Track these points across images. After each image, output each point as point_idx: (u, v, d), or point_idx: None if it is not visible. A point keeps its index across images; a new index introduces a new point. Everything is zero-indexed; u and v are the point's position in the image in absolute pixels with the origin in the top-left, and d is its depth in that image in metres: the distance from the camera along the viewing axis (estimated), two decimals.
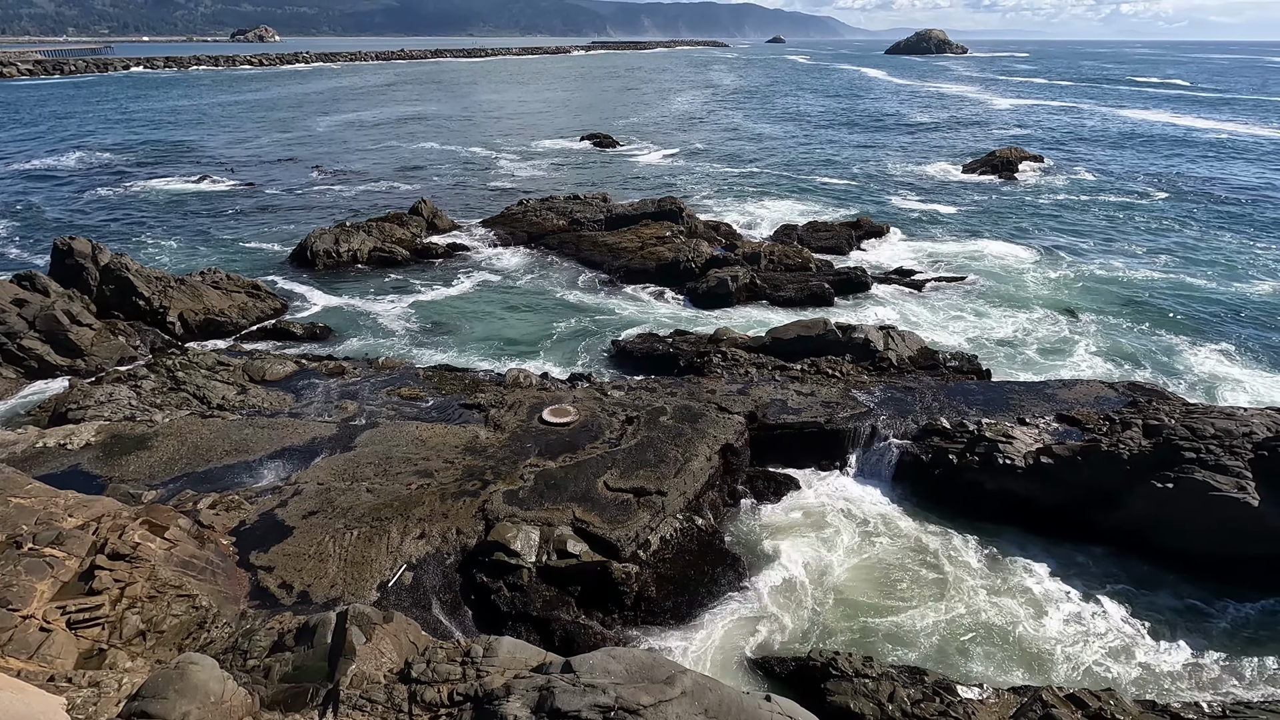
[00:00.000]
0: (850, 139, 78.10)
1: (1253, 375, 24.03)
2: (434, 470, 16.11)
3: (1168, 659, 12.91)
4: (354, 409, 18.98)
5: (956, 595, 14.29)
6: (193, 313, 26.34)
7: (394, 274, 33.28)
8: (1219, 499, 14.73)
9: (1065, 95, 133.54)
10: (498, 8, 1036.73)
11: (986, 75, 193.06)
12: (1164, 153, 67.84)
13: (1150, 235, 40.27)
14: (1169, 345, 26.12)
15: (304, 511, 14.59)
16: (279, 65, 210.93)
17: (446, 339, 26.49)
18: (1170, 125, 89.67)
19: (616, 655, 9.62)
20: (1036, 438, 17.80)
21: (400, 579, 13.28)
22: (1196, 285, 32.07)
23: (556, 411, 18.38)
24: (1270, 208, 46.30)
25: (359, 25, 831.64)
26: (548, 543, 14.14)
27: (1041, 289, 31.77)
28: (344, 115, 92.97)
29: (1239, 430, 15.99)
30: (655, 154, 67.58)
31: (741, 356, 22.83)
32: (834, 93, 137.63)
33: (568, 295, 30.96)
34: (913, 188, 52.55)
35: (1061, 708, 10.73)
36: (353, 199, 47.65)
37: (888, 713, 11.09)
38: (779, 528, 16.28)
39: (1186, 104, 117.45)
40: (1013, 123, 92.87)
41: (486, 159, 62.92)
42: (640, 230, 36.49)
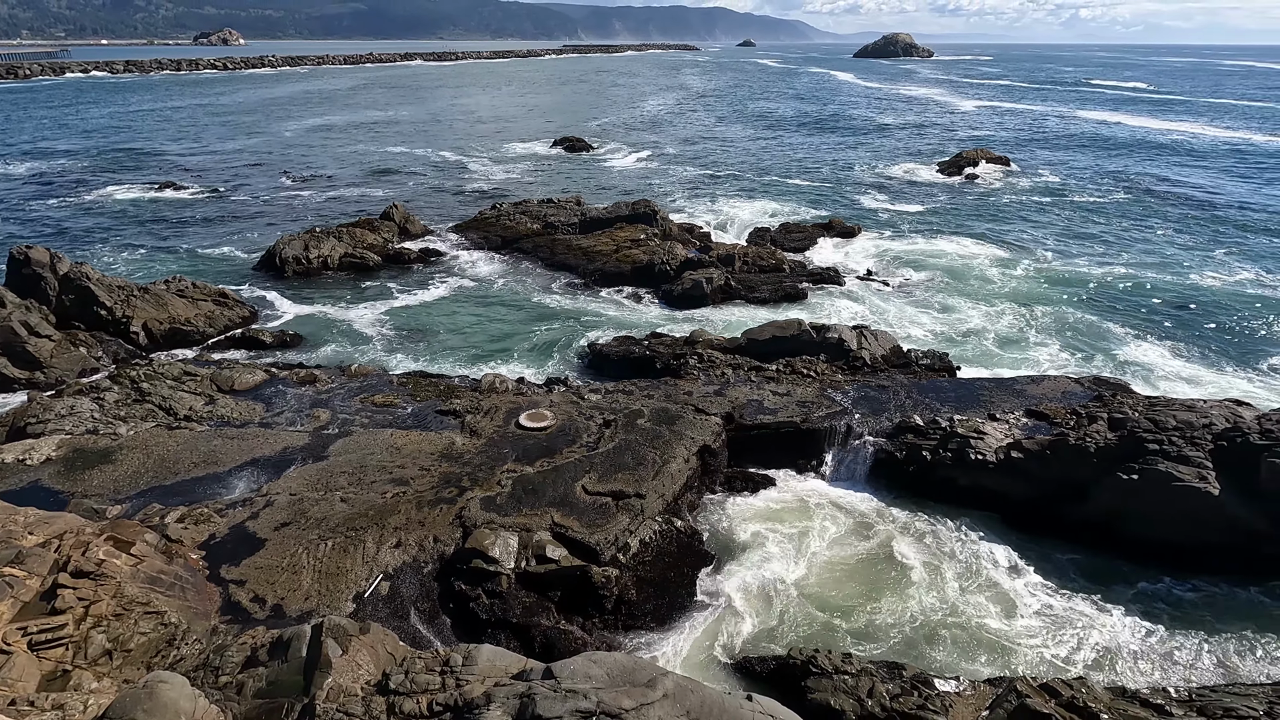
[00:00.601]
0: (820, 141, 79.02)
1: (1197, 368, 24.86)
2: (410, 478, 15.92)
3: (1135, 646, 13.23)
4: (326, 417, 18.67)
5: (931, 587, 14.49)
6: (157, 322, 25.72)
7: (366, 280, 32.84)
8: (1182, 489, 15.15)
9: (1028, 98, 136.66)
10: (468, 11, 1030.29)
11: (952, 78, 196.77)
12: (1123, 153, 69.72)
13: (1108, 234, 41.34)
14: (1122, 338, 26.91)
15: (276, 523, 14.31)
16: (244, 69, 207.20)
17: (421, 345, 26.21)
18: (1129, 127, 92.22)
19: (598, 660, 9.58)
20: (1007, 433, 18.14)
21: (377, 589, 13.08)
22: (1150, 281, 33.00)
23: (533, 416, 18.28)
24: (1223, 207, 47.82)
25: (326, 28, 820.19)
26: (526, 548, 14.04)
27: (1004, 285, 32.44)
28: (312, 120, 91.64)
29: (1199, 422, 16.47)
30: (628, 157, 67.66)
31: (717, 358, 22.93)
32: (804, 95, 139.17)
33: (543, 299, 30.83)
34: (881, 188, 53.32)
35: (1035, 697, 10.93)
36: (322, 204, 46.94)
37: (867, 708, 11.20)
38: (756, 526, 16.37)
39: (1144, 106, 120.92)
40: (978, 124, 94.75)
41: (458, 163, 62.44)
42: (614, 233, 36.50)
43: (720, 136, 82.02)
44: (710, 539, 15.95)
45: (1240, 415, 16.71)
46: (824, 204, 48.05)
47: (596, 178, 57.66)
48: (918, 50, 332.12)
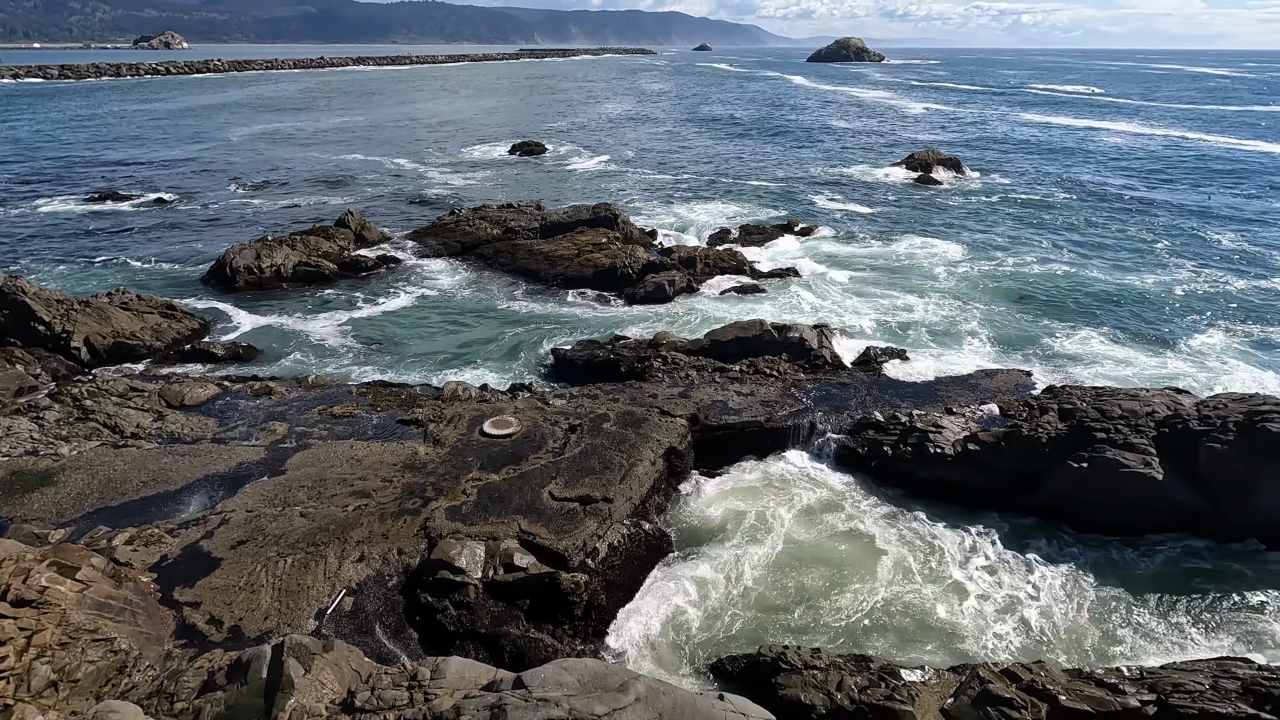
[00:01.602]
0: (776, 143, 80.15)
1: (1130, 352, 26.01)
2: (371, 490, 15.59)
3: (1092, 627, 13.68)
4: (283, 430, 18.17)
5: (891, 576, 14.75)
6: (100, 336, 24.69)
7: (322, 289, 32.09)
8: (1128, 475, 15.77)
9: (974, 100, 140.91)
10: (421, 15, 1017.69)
11: (902, 81, 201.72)
12: (1064, 154, 72.40)
13: (1053, 231, 42.86)
14: (1065, 330, 27.90)
15: (232, 541, 13.86)
16: (189, 74, 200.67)
17: (380, 354, 25.70)
18: (1069, 128, 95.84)
19: (568, 666, 9.52)
20: (964, 426, 18.64)
21: (339, 605, 12.77)
22: (1090, 277, 34.34)
23: (498, 423, 18.10)
24: (1161, 205, 50.03)
25: (274, 32, 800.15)
26: (494, 557, 13.87)
27: (954, 282, 33.36)
28: (262, 125, 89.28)
29: (1143, 410, 17.18)
30: (587, 161, 67.59)
31: (681, 360, 23.04)
32: (760, 98, 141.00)
33: (505, 305, 30.56)
34: (836, 189, 54.33)
35: (997, 682, 11.23)
36: (274, 213, 45.71)
37: (837, 701, 11.35)
38: (722, 519, 16.48)
39: (1083, 108, 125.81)
40: (927, 127, 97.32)
41: (415, 169, 61.52)
42: (576, 237, 36.40)
43: (678, 139, 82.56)
44: (676, 536, 15.99)
45: (1180, 403, 17.48)
46: (781, 205, 48.72)
47: (556, 182, 57.44)
48: (869, 55, 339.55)
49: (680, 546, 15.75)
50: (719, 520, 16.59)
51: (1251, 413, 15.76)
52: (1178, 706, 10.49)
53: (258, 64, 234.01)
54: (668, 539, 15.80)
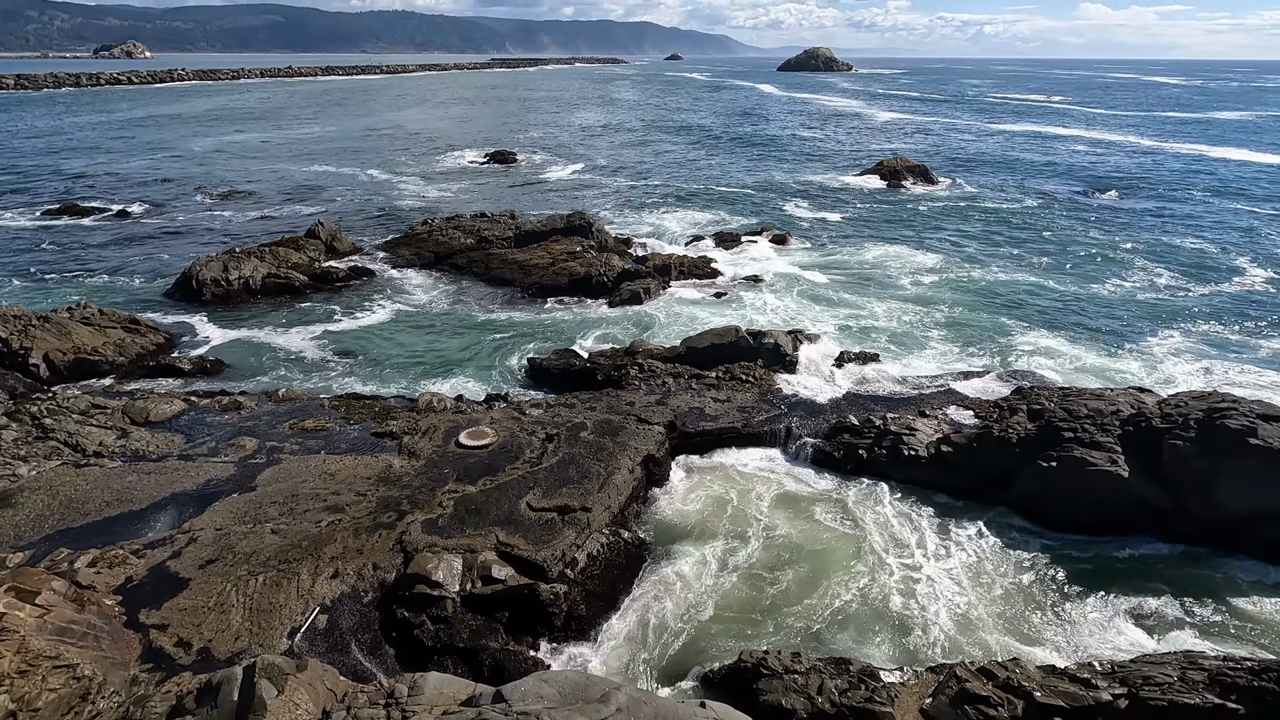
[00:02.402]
0: (748, 151, 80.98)
1: (1097, 355, 26.64)
2: (345, 504, 15.33)
3: (1065, 624, 13.92)
4: (253, 446, 17.80)
5: (866, 576, 14.87)
6: (60, 353, 23.98)
7: (291, 301, 31.57)
8: (1095, 472, 16.13)
9: (940, 109, 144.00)
10: (391, 24, 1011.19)
11: (871, 90, 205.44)
12: (1030, 160, 74.22)
13: (1019, 237, 43.86)
14: (1030, 334, 28.53)
15: (201, 561, 13.52)
16: (152, 83, 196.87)
17: (352, 366, 25.34)
18: (1033, 135, 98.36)
19: (548, 679, 9.44)
20: (936, 428, 18.93)
21: (314, 623, 12.51)
22: (1056, 281, 35.25)
23: (474, 434, 17.93)
24: (1122, 210, 51.49)
25: (241, 41, 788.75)
26: (471, 570, 13.71)
27: (924, 288, 33.98)
28: (229, 136, 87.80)
29: (1108, 409, 17.60)
30: (561, 170, 67.62)
31: (658, 367, 23.08)
32: (731, 107, 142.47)
33: (479, 314, 30.35)
34: (806, 196, 55.02)
35: (974, 681, 11.38)
36: (242, 224, 44.93)
37: (818, 705, 11.39)
38: (699, 520, 16.49)
39: (1047, 116, 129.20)
40: (895, 134, 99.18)
41: (387, 179, 60.96)
42: (550, 246, 36.34)
43: (651, 148, 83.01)
44: (653, 541, 15.96)
45: (1143, 402, 17.95)
46: (753, 212, 49.22)
47: (530, 190, 57.34)
48: (838, 64, 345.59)
49: (657, 549, 15.70)
50: (695, 521, 16.57)
51: (1211, 410, 16.23)
52: (1148, 699, 10.72)
53: (223, 74, 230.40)
54: (647, 546, 15.76)
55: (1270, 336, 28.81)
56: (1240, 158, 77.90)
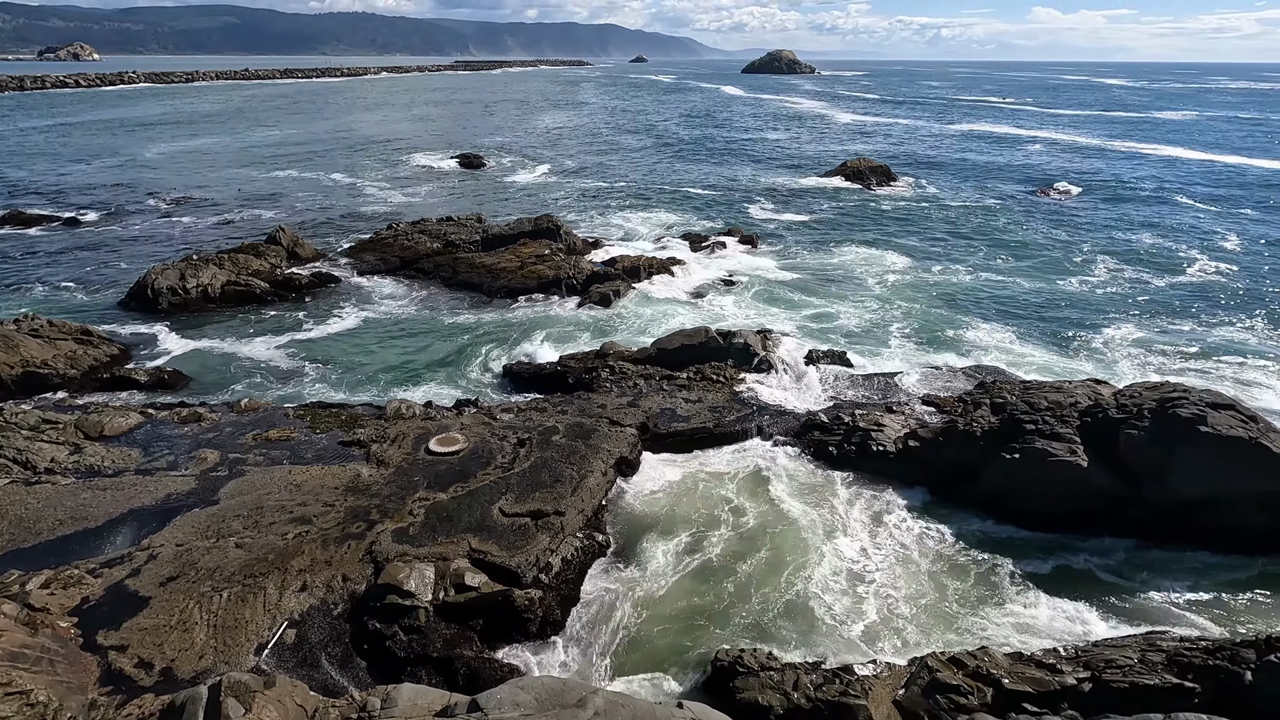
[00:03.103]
0: (714, 152, 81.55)
1: (1057, 349, 27.45)
2: (313, 516, 15.01)
3: (1029, 611, 14.26)
4: (215, 458, 17.32)
5: (828, 569, 15.05)
6: (7, 366, 23.06)
7: (253, 309, 30.83)
8: (1056, 463, 16.58)
9: (901, 110, 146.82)
10: (351, 26, 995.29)
11: (833, 92, 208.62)
12: (988, 160, 76.09)
13: (980, 236, 44.92)
14: (991, 329, 29.27)
15: (161, 578, 13.11)
16: (101, 86, 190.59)
17: (318, 374, 24.84)
18: (992, 135, 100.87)
19: (525, 685, 9.37)
20: (904, 423, 19.26)
21: (282, 638, 12.22)
22: (1017, 279, 36.20)
23: (444, 440, 17.72)
24: (1077, 208, 53.07)
25: (194, 43, 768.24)
26: (444, 578, 13.53)
27: (887, 286, 34.61)
28: (185, 141, 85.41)
29: (1067, 401, 18.11)
30: (527, 172, 67.29)
31: (629, 369, 23.09)
32: (697, 109, 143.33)
33: (447, 319, 30.00)
34: (772, 197, 55.59)
35: (945, 671, 11.60)
36: (199, 231, 43.75)
37: (794, 701, 11.50)
38: (665, 514, 16.54)
39: (1003, 116, 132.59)
40: (858, 135, 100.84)
41: (350, 184, 59.94)
42: (519, 249, 36.11)
43: (618, 150, 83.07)
44: (621, 539, 15.95)
45: (1100, 393, 18.50)
46: (720, 214, 49.56)
47: (497, 194, 56.93)
48: (800, 66, 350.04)
49: (623, 545, 15.67)
50: (663, 517, 16.58)
51: (1163, 400, 16.81)
52: (1110, 681, 11.04)
53: (177, 76, 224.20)
54: (621, 548, 15.73)
55: (1218, 326, 29.98)
56: (1184, 155, 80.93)
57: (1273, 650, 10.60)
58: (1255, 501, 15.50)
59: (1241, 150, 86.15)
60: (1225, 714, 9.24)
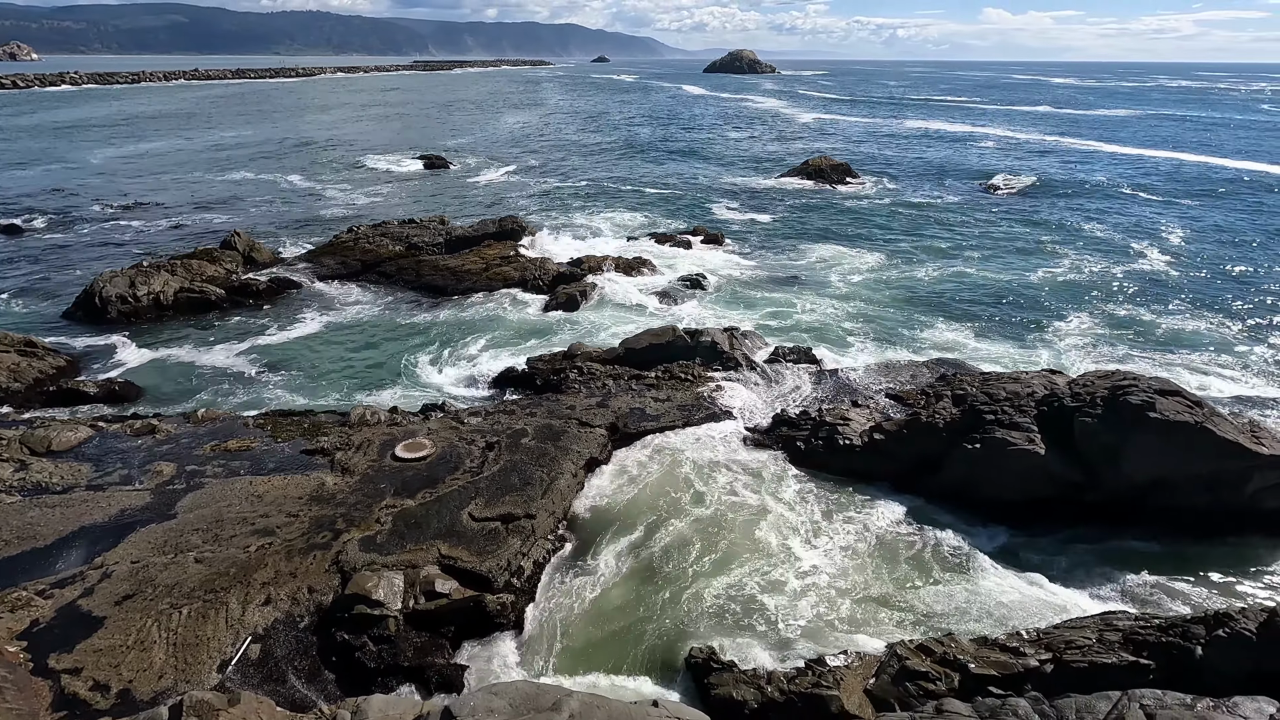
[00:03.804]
0: (677, 152, 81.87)
1: (1016, 340, 28.22)
2: (276, 527, 14.65)
3: (993, 596, 14.62)
4: (171, 471, 16.77)
5: (797, 557, 15.23)
6: None
7: (208, 316, 29.96)
8: (1015, 452, 17.03)
9: (860, 108, 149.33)
10: (305, 26, 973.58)
11: (794, 91, 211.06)
12: (946, 157, 77.84)
13: (941, 231, 45.94)
14: (952, 322, 29.94)
15: (117, 597, 12.65)
16: (40, 87, 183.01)
17: (278, 382, 24.25)
18: (948, 133, 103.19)
19: (498, 690, 9.28)
20: (869, 417, 19.59)
21: (245, 654, 11.90)
22: (977, 272, 37.07)
23: (410, 446, 17.45)
24: (1032, 203, 54.61)
25: (140, 43, 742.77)
26: (414, 586, 13.33)
27: (851, 282, 35.17)
28: (132, 144, 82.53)
29: (1024, 391, 18.62)
30: (491, 173, 66.69)
31: (597, 369, 23.04)
32: (660, 109, 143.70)
33: (411, 323, 29.56)
34: (736, 196, 56.03)
35: (914, 658, 11.84)
36: (150, 237, 42.34)
37: (768, 694, 11.61)
38: (629, 510, 16.57)
39: (959, 114, 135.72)
40: (819, 134, 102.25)
41: (309, 186, 58.65)
42: (483, 251, 35.77)
43: (581, 150, 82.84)
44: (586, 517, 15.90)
45: (1055, 382, 19.07)
46: (685, 213, 49.79)
47: (459, 195, 56.29)
48: (761, 66, 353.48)
49: (582, 541, 15.63)
50: (626, 510, 16.57)
51: (1115, 388, 17.39)
52: (1071, 662, 11.39)
53: (122, 77, 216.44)
54: (581, 545, 15.66)
55: (1168, 315, 31.16)
56: (1129, 152, 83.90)
57: (1220, 625, 11.05)
58: (1202, 483, 16.15)
59: (1182, 146, 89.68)
60: (1178, 688, 9.60)
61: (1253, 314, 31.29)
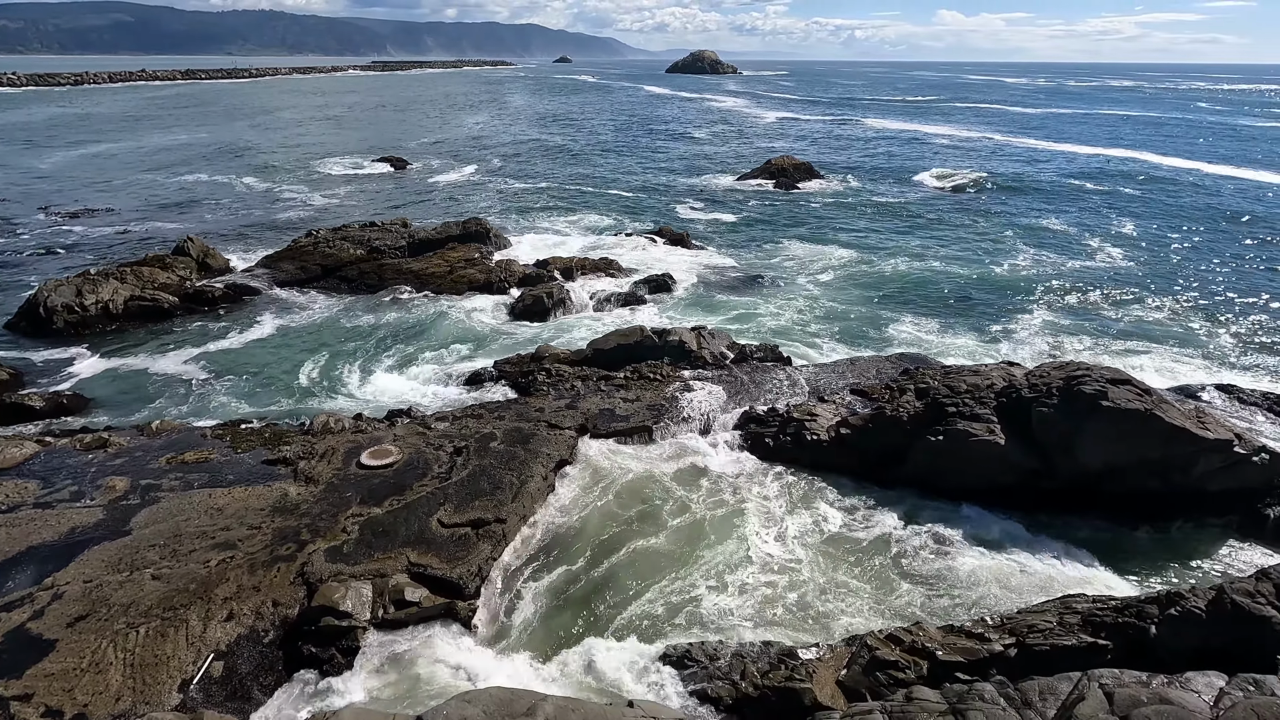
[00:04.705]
0: (641, 152, 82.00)
1: (977, 334, 28.93)
2: (237, 540, 14.26)
3: (959, 585, 14.96)
4: (125, 486, 16.20)
5: (768, 552, 15.41)
6: None
7: (162, 325, 29.01)
8: (977, 442, 17.46)
9: (819, 108, 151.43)
10: (257, 26, 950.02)
11: (756, 92, 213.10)
12: (906, 156, 79.35)
13: (901, 228, 46.88)
14: (914, 317, 30.62)
15: (68, 618, 12.17)
16: None
17: (237, 391, 23.61)
18: (907, 131, 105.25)
19: (471, 698, 9.18)
20: (835, 412, 19.87)
21: (208, 672, 11.56)
22: (939, 268, 37.93)
23: (376, 453, 17.15)
24: (990, 200, 56.00)
25: (82, 43, 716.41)
26: (382, 595, 13.11)
27: (816, 280, 35.66)
28: (78, 148, 79.42)
29: (984, 383, 19.09)
30: (453, 174, 65.93)
31: (565, 371, 22.94)
32: (623, 109, 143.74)
33: (374, 328, 29.05)
34: (700, 196, 56.33)
35: (883, 648, 12.04)
36: (97, 243, 40.84)
37: (742, 690, 11.69)
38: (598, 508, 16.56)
39: (917, 114, 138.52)
40: (781, 134, 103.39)
41: (266, 189, 57.22)
42: (447, 254, 35.34)
43: (544, 150, 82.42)
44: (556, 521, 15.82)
45: (1013, 374, 19.59)
46: (650, 213, 49.88)
47: (422, 197, 55.53)
48: (723, 66, 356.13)
49: (548, 541, 15.57)
50: (595, 509, 16.56)
51: (1069, 378, 17.94)
52: (1033, 646, 11.71)
53: (64, 78, 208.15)
54: (558, 545, 15.60)
55: (1119, 305, 32.30)
56: (1078, 150, 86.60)
57: (1172, 604, 11.47)
58: (1152, 468, 16.75)
59: (1129, 144, 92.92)
60: (1134, 666, 9.94)
61: (1197, 303, 32.61)
